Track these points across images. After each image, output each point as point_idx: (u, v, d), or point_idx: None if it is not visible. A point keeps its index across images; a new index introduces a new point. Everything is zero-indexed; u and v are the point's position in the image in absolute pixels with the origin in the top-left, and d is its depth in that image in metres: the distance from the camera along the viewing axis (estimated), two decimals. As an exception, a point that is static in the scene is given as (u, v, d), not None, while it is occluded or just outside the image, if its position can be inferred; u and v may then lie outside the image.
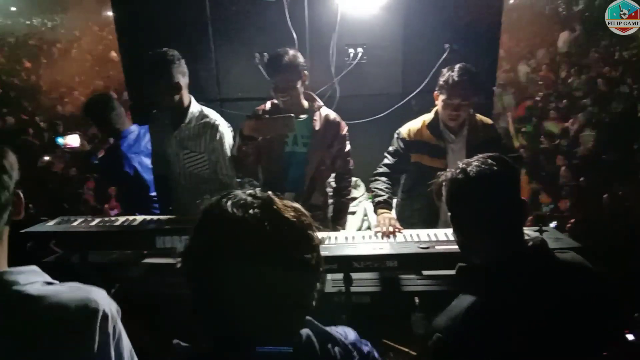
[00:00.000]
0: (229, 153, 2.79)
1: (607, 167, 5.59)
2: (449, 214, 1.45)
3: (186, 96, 2.73)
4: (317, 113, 2.79)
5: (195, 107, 2.77)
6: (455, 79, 2.59)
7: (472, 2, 3.40)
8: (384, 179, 2.79)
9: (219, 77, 3.73)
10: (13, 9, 15.12)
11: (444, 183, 1.46)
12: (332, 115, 2.87)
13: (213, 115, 2.80)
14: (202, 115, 2.77)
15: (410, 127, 2.84)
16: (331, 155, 2.85)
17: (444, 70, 2.68)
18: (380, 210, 2.61)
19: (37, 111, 8.61)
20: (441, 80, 2.66)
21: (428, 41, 3.48)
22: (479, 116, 2.83)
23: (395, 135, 2.87)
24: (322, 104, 2.86)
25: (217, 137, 2.75)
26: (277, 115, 2.65)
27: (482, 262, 1.41)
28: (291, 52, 2.64)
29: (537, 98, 9.05)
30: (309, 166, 2.81)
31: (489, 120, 2.87)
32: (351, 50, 3.52)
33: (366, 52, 3.53)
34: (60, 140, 3.84)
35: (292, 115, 2.59)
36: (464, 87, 2.60)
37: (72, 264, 2.36)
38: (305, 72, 2.69)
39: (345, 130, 2.87)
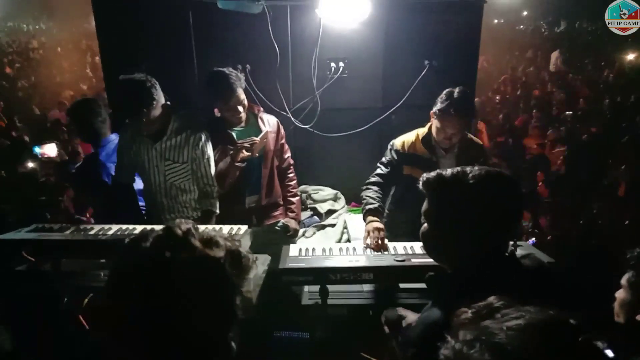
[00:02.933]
0: (212, 161, 2.83)
1: (582, 184, 5.69)
2: (435, 214, 1.44)
3: (165, 109, 2.72)
4: (259, 119, 3.00)
5: (174, 118, 2.77)
6: (455, 111, 2.62)
7: (451, 19, 3.47)
8: (375, 187, 2.82)
9: (200, 87, 3.73)
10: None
11: (438, 181, 1.43)
12: (272, 118, 3.09)
13: (193, 125, 2.81)
14: (183, 126, 2.78)
15: (405, 139, 2.89)
16: (277, 154, 3.07)
17: (444, 96, 2.68)
18: (369, 218, 2.62)
19: (18, 117, 8.47)
20: (440, 105, 2.68)
21: (408, 57, 3.54)
22: (470, 136, 2.91)
23: (389, 147, 2.92)
24: (261, 108, 3.10)
25: (200, 146, 2.77)
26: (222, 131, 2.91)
27: (452, 267, 1.42)
28: (231, 71, 2.83)
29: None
30: (265, 168, 3.00)
31: (479, 141, 2.96)
32: (332, 64, 3.56)
33: (347, 66, 3.57)
34: (37, 150, 3.79)
35: (253, 138, 2.84)
36: (461, 118, 2.66)
37: (43, 272, 2.32)
38: (244, 84, 2.89)
39: (282, 129, 3.12)
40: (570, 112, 8.39)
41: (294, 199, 3.19)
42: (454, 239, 1.39)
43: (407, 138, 2.89)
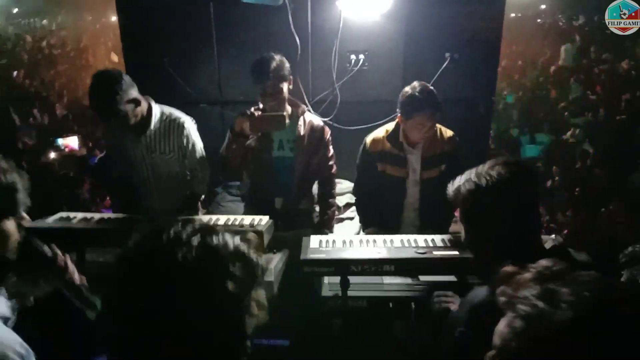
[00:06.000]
0: (198, 147, 2.86)
1: (601, 180, 5.63)
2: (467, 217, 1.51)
3: (145, 102, 2.71)
4: (301, 118, 2.84)
5: (156, 110, 2.78)
6: (420, 105, 2.61)
7: (473, 12, 3.44)
8: (364, 200, 2.95)
9: (221, 81, 3.76)
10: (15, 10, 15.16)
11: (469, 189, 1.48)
12: (316, 120, 2.92)
13: (176, 114, 2.84)
14: (166, 116, 2.80)
15: (374, 137, 2.90)
16: (316, 160, 2.89)
17: (404, 95, 2.67)
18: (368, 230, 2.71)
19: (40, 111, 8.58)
20: (405, 106, 2.66)
21: (429, 49, 3.52)
22: (438, 128, 2.84)
23: (361, 148, 2.92)
24: (305, 109, 2.91)
25: (184, 133, 2.80)
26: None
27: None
28: (277, 57, 2.67)
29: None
30: (296, 171, 2.85)
31: (449, 133, 2.88)
32: (353, 57, 3.55)
33: (367, 59, 3.56)
34: (59, 141, 3.84)
35: (284, 113, 2.64)
36: (429, 115, 2.64)
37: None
38: (291, 77, 2.72)
39: (328, 135, 2.91)
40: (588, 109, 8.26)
41: (328, 211, 2.99)
42: (492, 236, 1.45)
43: (376, 135, 2.89)
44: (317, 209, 3.03)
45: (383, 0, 3.23)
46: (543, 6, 15.45)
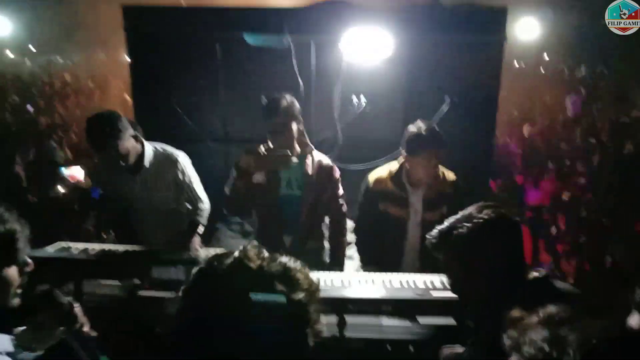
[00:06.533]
0: (194, 179, 2.89)
1: (606, 228, 5.59)
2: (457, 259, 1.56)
3: (138, 142, 2.77)
4: (309, 156, 2.84)
5: (149, 148, 2.81)
6: (426, 142, 2.65)
7: (472, 57, 3.53)
8: (365, 239, 2.97)
9: (226, 119, 3.84)
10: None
11: (452, 232, 1.55)
12: (325, 159, 2.92)
13: (169, 149, 2.88)
14: (158, 153, 2.83)
15: (377, 176, 2.90)
16: (325, 199, 2.87)
17: (409, 132, 2.72)
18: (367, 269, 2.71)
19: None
20: (410, 143, 2.70)
21: (429, 93, 3.60)
22: (441, 170, 2.86)
23: (363, 186, 2.93)
24: (313, 147, 2.92)
25: (179, 167, 2.84)
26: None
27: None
28: (288, 97, 2.73)
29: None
30: (304, 209, 2.83)
31: (451, 175, 2.89)
32: (355, 99, 3.63)
33: (369, 101, 3.63)
34: (64, 172, 3.87)
35: (289, 152, 2.65)
36: (437, 148, 2.67)
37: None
38: (300, 117, 2.76)
39: (337, 174, 2.91)
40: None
41: (339, 250, 2.96)
42: (482, 275, 1.52)
43: (379, 175, 2.89)
44: (327, 247, 2.99)
45: (385, 45, 3.32)
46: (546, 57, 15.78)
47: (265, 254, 1.03)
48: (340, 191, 2.93)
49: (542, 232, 6.23)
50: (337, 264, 2.94)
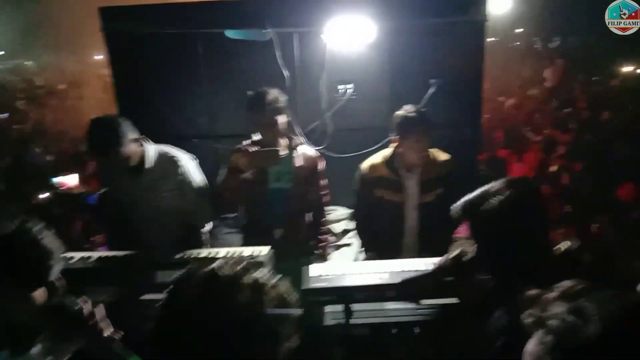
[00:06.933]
0: (197, 182, 2.87)
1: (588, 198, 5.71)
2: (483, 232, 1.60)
3: (139, 145, 2.74)
4: (296, 150, 2.88)
5: (150, 150, 2.79)
6: (415, 123, 2.71)
7: (454, 39, 3.55)
8: (363, 225, 3.02)
9: (212, 115, 3.80)
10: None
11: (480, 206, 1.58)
12: (310, 151, 2.97)
13: (172, 152, 2.86)
14: (160, 155, 2.81)
15: (371, 163, 2.94)
16: (312, 191, 2.94)
17: (397, 117, 2.78)
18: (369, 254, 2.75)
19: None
20: (400, 127, 2.76)
21: (414, 77, 3.61)
22: (433, 152, 2.91)
23: (358, 174, 2.96)
24: (300, 141, 2.96)
25: (180, 170, 2.82)
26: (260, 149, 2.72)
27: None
28: (274, 91, 2.74)
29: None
30: (293, 202, 2.88)
31: (445, 156, 2.95)
32: (341, 87, 3.63)
33: (355, 88, 3.63)
34: (54, 179, 3.80)
35: (277, 149, 2.69)
36: (423, 135, 2.73)
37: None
38: (287, 110, 2.78)
39: (322, 165, 2.97)
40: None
41: (322, 239, 3.06)
42: (508, 248, 1.54)
43: (372, 162, 2.94)
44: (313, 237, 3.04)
45: (367, 32, 3.32)
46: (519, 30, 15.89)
47: (242, 267, 1.03)
48: (324, 182, 2.98)
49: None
50: (322, 254, 3.01)
